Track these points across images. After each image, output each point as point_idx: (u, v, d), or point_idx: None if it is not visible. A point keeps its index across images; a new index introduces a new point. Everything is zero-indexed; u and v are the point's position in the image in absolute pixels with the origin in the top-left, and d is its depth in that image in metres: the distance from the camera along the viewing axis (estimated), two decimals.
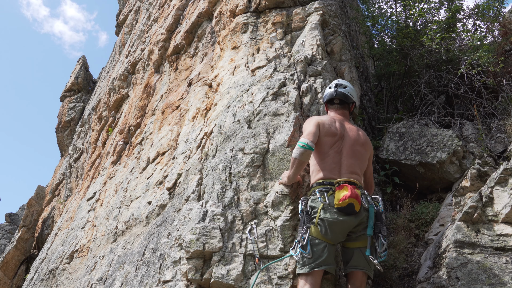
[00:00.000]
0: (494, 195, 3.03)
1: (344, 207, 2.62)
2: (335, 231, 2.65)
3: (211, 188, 3.30)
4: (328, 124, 2.98)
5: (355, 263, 2.72)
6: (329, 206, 2.67)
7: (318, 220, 2.66)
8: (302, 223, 2.72)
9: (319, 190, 2.74)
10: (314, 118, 3.05)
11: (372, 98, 6.48)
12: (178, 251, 3.04)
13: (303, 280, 2.61)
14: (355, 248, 2.74)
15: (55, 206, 10.51)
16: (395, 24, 7.04)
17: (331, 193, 2.71)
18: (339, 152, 2.89)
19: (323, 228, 2.66)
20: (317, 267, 2.60)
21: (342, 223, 2.64)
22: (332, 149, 2.89)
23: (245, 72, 4.27)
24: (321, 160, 2.87)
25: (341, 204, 2.61)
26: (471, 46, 6.18)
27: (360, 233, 2.72)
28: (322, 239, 2.65)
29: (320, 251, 2.63)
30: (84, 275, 4.78)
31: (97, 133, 8.84)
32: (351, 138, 2.98)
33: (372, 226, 2.70)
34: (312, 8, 4.58)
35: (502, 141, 4.65)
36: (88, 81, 13.55)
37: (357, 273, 2.72)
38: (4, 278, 10.83)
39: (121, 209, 5.02)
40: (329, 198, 2.69)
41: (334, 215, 2.65)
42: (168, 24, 6.79)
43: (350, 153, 2.91)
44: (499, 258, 2.81)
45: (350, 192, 2.61)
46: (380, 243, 2.70)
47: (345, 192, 2.62)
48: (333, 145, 2.90)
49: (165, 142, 5.08)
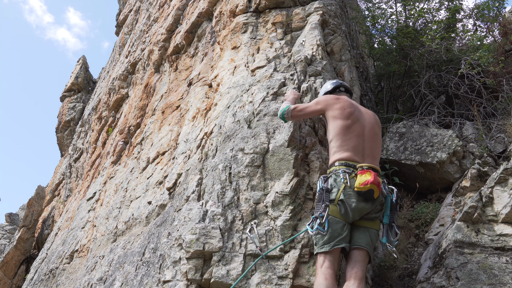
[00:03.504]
0: (494, 195, 3.03)
1: (364, 192, 2.62)
2: (353, 214, 2.67)
3: (211, 188, 3.31)
4: (345, 102, 3.04)
5: (359, 240, 2.71)
6: (349, 188, 2.68)
7: (337, 201, 2.67)
8: (321, 200, 2.71)
9: (343, 171, 2.75)
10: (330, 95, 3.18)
11: (372, 98, 6.48)
12: (178, 251, 3.04)
13: (322, 257, 2.62)
14: (362, 226, 2.74)
15: (55, 206, 10.51)
16: (395, 24, 7.04)
17: (353, 176, 2.73)
18: (361, 135, 2.92)
19: (342, 209, 2.67)
20: (337, 244, 2.61)
21: (357, 207, 2.65)
22: (353, 131, 2.92)
23: (245, 72, 4.27)
24: (343, 141, 2.88)
25: (361, 188, 2.62)
26: (471, 46, 6.18)
27: (370, 215, 2.73)
28: (341, 218, 2.67)
29: (340, 229, 2.64)
30: (84, 275, 4.78)
31: (97, 133, 8.84)
32: (369, 120, 3.04)
33: (388, 214, 2.75)
34: (312, 8, 4.58)
35: (502, 141, 4.65)
36: (88, 81, 13.54)
37: (360, 250, 2.69)
38: (4, 278, 10.83)
39: (121, 209, 5.02)
40: (351, 181, 2.71)
41: (351, 198, 2.66)
42: (168, 24, 6.79)
43: (370, 137, 2.95)
44: (499, 258, 2.81)
45: (373, 178, 2.62)
46: (393, 232, 2.74)
47: (368, 178, 2.62)
48: (352, 126, 2.93)
49: (165, 142, 5.08)
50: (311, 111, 3.13)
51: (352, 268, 2.64)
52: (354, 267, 2.64)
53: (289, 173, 3.10)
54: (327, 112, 3.03)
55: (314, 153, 3.25)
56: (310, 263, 2.80)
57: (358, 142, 2.88)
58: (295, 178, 3.08)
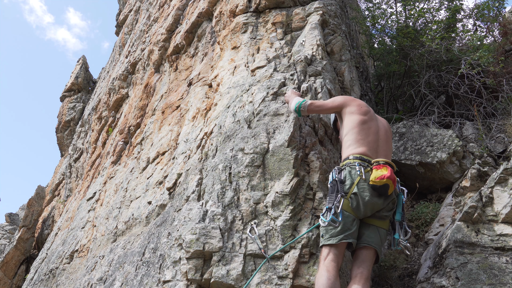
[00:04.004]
0: (494, 195, 3.03)
1: (379, 187, 2.60)
2: (365, 208, 2.64)
3: (211, 188, 3.30)
4: (362, 102, 3.11)
5: (369, 238, 2.68)
6: (364, 182, 2.66)
7: (351, 194, 2.65)
8: (335, 191, 2.68)
9: (358, 163, 2.73)
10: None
11: (372, 98, 6.48)
12: (178, 251, 3.04)
13: (327, 250, 2.60)
14: (372, 225, 2.71)
15: (55, 206, 10.51)
16: (395, 24, 7.04)
17: (368, 170, 2.71)
18: (376, 133, 2.94)
19: (354, 202, 2.64)
20: (345, 238, 2.59)
21: (370, 201, 2.63)
22: (369, 127, 2.93)
23: (245, 72, 4.27)
24: (359, 134, 2.89)
25: (377, 183, 2.59)
26: (471, 46, 6.19)
27: (382, 213, 2.71)
28: (351, 212, 2.64)
29: (349, 224, 2.62)
30: (84, 275, 4.78)
31: (97, 133, 8.84)
32: (383, 123, 3.08)
33: (401, 212, 2.74)
34: (312, 8, 4.58)
35: (502, 141, 4.65)
36: (88, 81, 13.54)
37: (368, 249, 2.67)
38: (4, 278, 10.83)
39: (121, 209, 5.02)
40: (366, 174, 2.68)
41: (365, 192, 2.64)
42: (168, 24, 6.79)
43: (385, 139, 2.97)
44: (499, 258, 2.81)
45: (390, 173, 2.60)
46: (403, 231, 2.73)
47: (384, 172, 2.60)
48: (368, 122, 2.95)
49: (165, 142, 5.08)
50: (329, 107, 3.17)
51: (358, 268, 2.60)
52: (361, 266, 2.61)
53: (289, 173, 3.10)
54: (344, 108, 3.07)
55: (314, 153, 3.25)
56: (310, 263, 2.80)
57: (374, 139, 2.90)
58: (295, 178, 3.08)
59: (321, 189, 3.11)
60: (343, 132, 3.03)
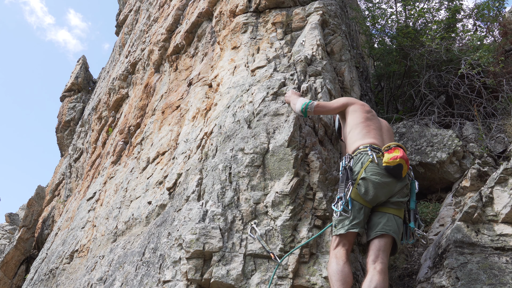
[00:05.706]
0: (494, 195, 3.03)
1: (393, 167, 2.61)
2: (376, 192, 2.63)
3: (211, 188, 3.30)
4: (364, 102, 3.22)
5: (386, 227, 2.65)
6: (377, 166, 2.66)
7: (359, 180, 2.67)
8: (345, 179, 2.70)
9: (370, 148, 2.76)
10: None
11: (372, 98, 6.48)
12: (178, 251, 3.04)
13: (336, 239, 2.63)
14: (387, 213, 2.70)
15: (55, 206, 10.51)
16: (395, 24, 7.04)
17: (379, 155, 2.73)
18: (380, 130, 3.01)
19: (362, 188, 2.64)
20: (352, 228, 2.59)
21: (385, 184, 2.63)
22: (373, 124, 3.01)
23: (245, 72, 4.27)
24: (364, 128, 2.95)
25: (390, 163, 2.60)
26: (471, 46, 6.19)
27: (396, 199, 2.70)
28: (359, 200, 2.65)
29: (356, 212, 2.62)
30: (84, 275, 4.78)
31: (97, 133, 8.84)
32: (384, 123, 3.18)
33: (415, 200, 2.76)
34: (312, 8, 4.58)
35: (502, 141, 4.65)
36: (88, 81, 13.54)
37: (386, 238, 2.63)
38: (4, 278, 10.83)
39: (121, 209, 5.02)
40: (378, 159, 2.70)
41: (378, 176, 2.64)
42: (168, 24, 6.79)
43: (388, 136, 3.05)
44: (499, 258, 2.81)
45: (402, 154, 2.62)
46: (417, 224, 2.76)
47: (397, 153, 2.62)
48: (372, 119, 3.02)
49: (165, 142, 5.08)
50: (334, 108, 3.24)
51: (374, 260, 2.53)
52: (378, 257, 2.53)
53: (289, 173, 3.10)
54: (348, 107, 3.14)
55: (314, 153, 3.25)
56: (310, 263, 2.80)
57: (379, 134, 2.96)
58: (295, 178, 3.08)
59: (321, 189, 3.11)
60: (346, 130, 3.07)
